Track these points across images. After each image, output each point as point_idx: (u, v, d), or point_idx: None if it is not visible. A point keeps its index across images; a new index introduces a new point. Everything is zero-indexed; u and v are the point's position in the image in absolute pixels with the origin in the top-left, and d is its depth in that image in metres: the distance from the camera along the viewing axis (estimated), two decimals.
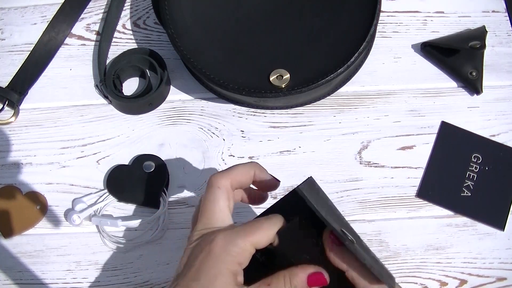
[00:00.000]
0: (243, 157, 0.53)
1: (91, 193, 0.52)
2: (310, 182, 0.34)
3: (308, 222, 0.34)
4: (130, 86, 0.57)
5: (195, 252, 0.34)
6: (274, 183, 0.40)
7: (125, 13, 0.60)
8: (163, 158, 0.53)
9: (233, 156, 0.53)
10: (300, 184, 0.33)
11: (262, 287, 0.34)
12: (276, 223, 0.35)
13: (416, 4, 0.60)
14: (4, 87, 0.56)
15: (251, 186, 0.40)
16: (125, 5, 0.60)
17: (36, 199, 0.52)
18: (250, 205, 0.48)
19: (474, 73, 0.55)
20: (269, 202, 0.40)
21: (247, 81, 0.49)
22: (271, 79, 0.49)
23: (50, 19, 0.59)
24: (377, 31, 0.56)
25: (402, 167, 0.53)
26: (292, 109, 0.55)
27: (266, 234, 0.34)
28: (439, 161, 0.53)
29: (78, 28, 0.60)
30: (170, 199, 0.52)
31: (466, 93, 0.56)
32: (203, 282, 0.32)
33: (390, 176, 0.52)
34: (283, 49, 0.51)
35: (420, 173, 0.52)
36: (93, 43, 0.59)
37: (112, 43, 0.58)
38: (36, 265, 0.50)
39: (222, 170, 0.38)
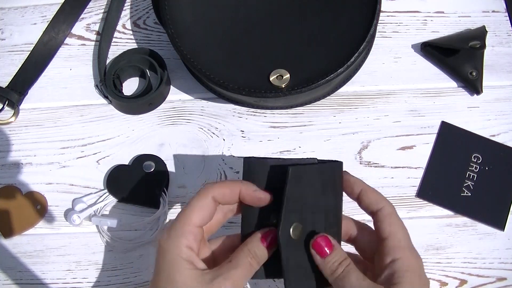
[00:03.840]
0: (243, 157, 0.53)
1: (91, 193, 0.52)
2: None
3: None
4: (130, 86, 0.57)
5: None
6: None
7: (125, 13, 0.60)
8: (163, 158, 0.53)
9: (233, 156, 0.53)
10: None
11: (224, 266, 0.34)
12: (206, 195, 0.36)
13: (416, 4, 0.60)
14: (4, 87, 0.56)
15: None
16: (125, 5, 0.60)
17: (36, 199, 0.52)
18: None
19: (474, 73, 0.55)
20: None
21: (247, 81, 0.49)
22: (271, 79, 0.49)
23: (50, 19, 0.59)
24: (377, 31, 0.56)
25: (402, 167, 0.53)
26: (292, 109, 0.55)
27: (202, 210, 0.36)
28: (439, 161, 0.53)
29: (78, 28, 0.60)
30: (170, 199, 0.52)
31: (466, 93, 0.56)
32: (162, 277, 0.34)
33: (390, 176, 0.52)
34: (283, 49, 0.50)
35: (420, 173, 0.52)
36: (93, 43, 0.59)
37: (112, 43, 0.58)
38: (36, 265, 0.50)
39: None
